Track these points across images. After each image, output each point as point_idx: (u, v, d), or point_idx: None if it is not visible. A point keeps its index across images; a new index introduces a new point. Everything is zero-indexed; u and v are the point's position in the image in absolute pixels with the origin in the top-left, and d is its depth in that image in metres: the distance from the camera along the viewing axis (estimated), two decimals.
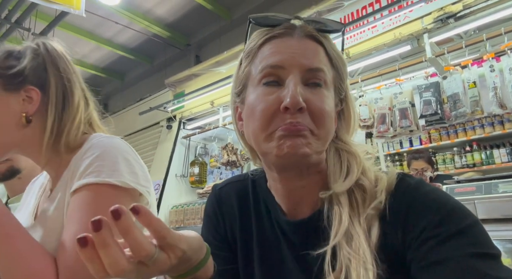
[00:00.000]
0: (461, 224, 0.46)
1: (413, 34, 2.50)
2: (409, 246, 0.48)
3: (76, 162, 0.70)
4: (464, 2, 2.29)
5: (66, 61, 0.78)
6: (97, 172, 0.66)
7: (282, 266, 0.59)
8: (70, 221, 0.65)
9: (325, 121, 0.53)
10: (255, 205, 0.65)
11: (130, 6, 4.70)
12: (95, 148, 0.70)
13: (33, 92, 0.73)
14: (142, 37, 5.43)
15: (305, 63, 0.53)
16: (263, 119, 0.52)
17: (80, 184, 0.66)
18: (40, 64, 0.75)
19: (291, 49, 0.54)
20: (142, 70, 6.41)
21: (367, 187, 0.53)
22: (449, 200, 0.50)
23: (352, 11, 2.74)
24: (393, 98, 2.51)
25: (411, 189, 0.53)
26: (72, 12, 1.85)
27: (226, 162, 3.29)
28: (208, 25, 5.23)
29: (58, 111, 0.74)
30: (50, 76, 0.75)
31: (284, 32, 0.56)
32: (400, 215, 0.51)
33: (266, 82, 0.54)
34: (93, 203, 0.65)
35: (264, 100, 0.53)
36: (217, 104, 3.56)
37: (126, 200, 0.67)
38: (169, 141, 3.98)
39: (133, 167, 0.70)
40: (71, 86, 0.77)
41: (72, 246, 0.61)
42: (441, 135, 3.82)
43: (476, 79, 2.22)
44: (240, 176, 0.72)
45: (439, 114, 2.33)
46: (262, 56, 0.55)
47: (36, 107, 0.73)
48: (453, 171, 3.72)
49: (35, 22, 3.96)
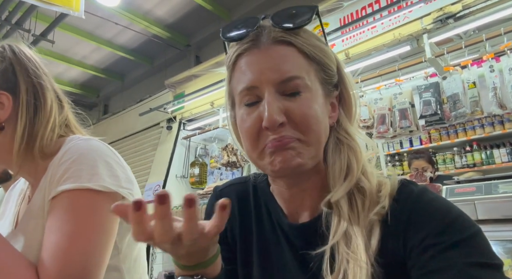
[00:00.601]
0: (463, 234, 0.46)
1: (413, 35, 2.50)
2: (410, 253, 0.48)
3: (53, 168, 0.68)
4: (464, 3, 2.30)
5: (35, 63, 0.75)
6: (75, 177, 0.64)
7: (282, 267, 0.59)
8: (50, 230, 0.63)
9: (311, 125, 0.52)
10: (256, 207, 0.66)
11: (130, 7, 4.70)
12: (72, 152, 0.68)
13: (3, 97, 0.70)
14: (142, 38, 5.43)
15: (275, 77, 0.52)
16: (250, 139, 0.54)
17: (58, 191, 0.64)
18: (7, 67, 0.72)
19: (259, 64, 0.53)
20: (142, 71, 6.41)
21: (368, 190, 0.53)
22: (452, 209, 0.50)
23: (351, 12, 2.74)
24: (392, 99, 2.52)
25: (414, 196, 0.52)
26: (72, 14, 1.85)
27: (226, 162, 3.29)
28: (208, 26, 5.24)
29: (30, 115, 0.71)
30: (19, 80, 0.72)
31: (250, 46, 0.54)
32: (401, 221, 0.50)
33: (246, 103, 0.54)
34: (72, 210, 0.63)
35: (248, 120, 0.54)
36: (217, 105, 3.57)
37: (107, 205, 0.65)
38: (169, 142, 3.98)
39: (114, 170, 0.68)
40: (42, 89, 0.74)
41: (54, 256, 0.60)
42: (441, 135, 3.82)
43: (476, 80, 2.22)
44: (242, 179, 0.72)
45: (438, 115, 2.33)
46: (237, 76, 0.55)
47: (8, 113, 0.70)
48: (453, 171, 3.72)
49: (35, 24, 3.97)
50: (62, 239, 0.61)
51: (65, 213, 0.63)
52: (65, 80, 6.62)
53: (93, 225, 0.64)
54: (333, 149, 0.57)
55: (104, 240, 0.65)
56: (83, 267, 0.61)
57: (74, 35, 5.12)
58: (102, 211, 0.65)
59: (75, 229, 0.62)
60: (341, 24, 2.71)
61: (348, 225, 0.51)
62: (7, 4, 3.54)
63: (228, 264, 0.63)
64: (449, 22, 2.39)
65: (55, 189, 0.64)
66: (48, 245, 0.61)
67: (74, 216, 0.63)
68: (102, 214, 0.65)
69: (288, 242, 0.60)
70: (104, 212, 0.65)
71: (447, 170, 3.78)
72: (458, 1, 2.31)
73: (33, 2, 1.68)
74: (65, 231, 0.62)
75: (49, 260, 0.60)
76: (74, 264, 0.60)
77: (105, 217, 0.65)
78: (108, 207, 0.64)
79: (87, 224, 0.63)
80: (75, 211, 0.63)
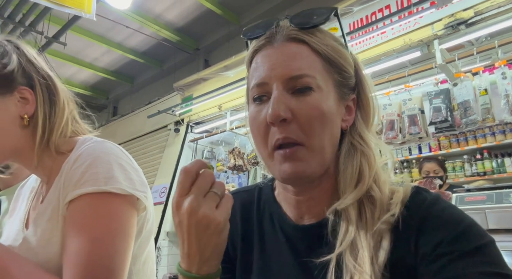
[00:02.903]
0: (476, 243, 0.45)
1: (423, 40, 2.48)
2: (421, 261, 0.47)
3: (67, 170, 0.68)
4: (476, 9, 2.27)
5: (37, 57, 0.76)
6: (92, 180, 0.64)
7: (282, 273, 0.58)
8: (72, 235, 0.63)
9: (315, 127, 0.51)
10: (258, 213, 0.65)
11: (141, 10, 4.76)
12: (86, 155, 0.68)
13: (26, 92, 0.71)
14: (152, 41, 5.49)
15: (284, 73, 0.51)
16: (259, 137, 0.54)
17: (76, 194, 0.64)
18: (21, 62, 0.72)
19: (271, 61, 0.53)
20: (152, 74, 6.48)
21: (378, 199, 0.51)
22: (465, 218, 0.49)
23: (361, 17, 2.73)
24: (402, 105, 2.49)
25: (428, 204, 0.51)
26: (83, 16, 1.88)
27: (233, 166, 3.29)
28: (217, 30, 5.27)
29: (47, 108, 0.72)
30: (32, 74, 0.72)
31: (264, 43, 0.55)
32: (413, 228, 0.49)
33: (254, 99, 0.54)
34: (93, 214, 0.63)
35: (256, 117, 0.54)
36: (224, 108, 3.57)
37: (125, 207, 0.66)
38: (177, 144, 3.99)
39: (129, 173, 0.69)
40: (53, 82, 0.75)
41: (78, 261, 0.60)
42: (451, 142, 3.76)
43: (488, 86, 2.19)
44: (249, 187, 0.72)
45: (449, 121, 2.29)
46: (251, 73, 0.56)
47: (33, 107, 0.71)
48: (463, 179, 3.66)
49: (48, 26, 4.04)
50: (86, 244, 0.61)
51: (86, 217, 0.63)
52: (76, 82, 6.71)
53: (114, 228, 0.64)
54: (346, 154, 0.56)
55: (126, 242, 0.65)
56: (109, 270, 0.61)
57: (85, 38, 5.20)
58: (121, 214, 0.65)
59: (98, 233, 0.62)
60: (351, 29, 2.69)
61: (356, 235, 0.50)
62: (21, 6, 3.61)
63: (226, 273, 0.62)
64: (460, 28, 2.36)
65: (72, 192, 0.64)
66: (72, 251, 0.61)
67: (95, 220, 0.63)
68: (122, 217, 0.65)
69: (290, 246, 0.58)
70: (123, 215, 0.66)
71: (457, 178, 3.71)
72: (470, 7, 2.28)
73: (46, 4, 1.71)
74: (87, 235, 0.62)
75: (74, 266, 0.60)
76: (100, 268, 0.60)
77: (125, 220, 0.66)
78: (126, 209, 0.66)
79: (108, 227, 0.64)
80: (96, 215, 0.63)
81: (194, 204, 0.46)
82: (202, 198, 0.47)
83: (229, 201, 0.49)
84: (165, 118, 4.25)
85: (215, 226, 0.47)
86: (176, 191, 0.48)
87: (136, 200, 0.68)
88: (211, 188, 0.48)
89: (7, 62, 0.70)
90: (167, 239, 3.57)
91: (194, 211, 0.46)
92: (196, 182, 0.48)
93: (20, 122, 0.70)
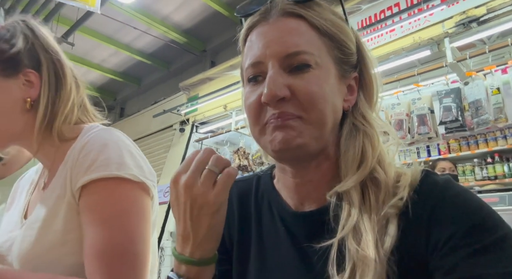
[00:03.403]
0: (494, 235, 0.41)
1: (433, 39, 2.43)
2: (433, 252, 0.43)
3: (74, 156, 0.66)
4: (488, 6, 2.22)
5: (52, 40, 0.74)
6: (104, 166, 0.63)
7: (280, 261, 0.55)
8: (89, 223, 0.62)
9: (316, 104, 0.48)
10: (256, 201, 0.62)
11: (149, 12, 4.79)
12: (95, 141, 0.66)
13: (31, 75, 0.70)
14: (160, 43, 5.51)
15: (280, 50, 0.48)
16: (252, 116, 0.51)
17: (88, 179, 0.63)
18: (29, 44, 0.70)
19: (266, 38, 0.50)
20: (159, 75, 6.50)
21: (382, 181, 0.48)
22: (482, 205, 0.45)
23: (370, 15, 2.69)
24: (411, 104, 2.44)
25: (440, 188, 0.47)
26: (87, 9, 1.88)
27: (238, 166, 3.25)
28: (224, 32, 5.28)
29: (52, 93, 0.70)
30: (41, 56, 0.71)
31: (259, 19, 0.52)
32: (424, 215, 0.45)
33: (249, 79, 0.51)
34: (107, 199, 0.63)
35: (250, 97, 0.51)
36: (230, 108, 3.55)
37: (138, 193, 0.65)
38: (182, 144, 3.98)
39: (138, 160, 0.68)
40: (62, 66, 0.73)
41: (102, 251, 0.59)
42: (460, 145, 3.68)
43: (500, 86, 2.13)
44: (247, 176, 0.70)
45: (459, 121, 2.23)
46: (246, 53, 0.53)
47: (38, 91, 0.70)
48: (473, 183, 3.56)
49: (56, 26, 4.09)
50: (106, 232, 0.61)
51: (101, 203, 0.63)
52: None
53: (132, 211, 0.64)
54: (347, 135, 0.52)
55: (145, 226, 0.65)
56: (134, 255, 0.61)
57: (93, 39, 5.24)
58: (136, 198, 0.65)
59: (115, 217, 0.62)
60: (359, 27, 2.66)
61: (359, 219, 0.46)
62: (30, 7, 3.65)
63: (222, 264, 0.60)
64: (472, 26, 2.30)
65: (83, 178, 0.63)
66: (92, 240, 0.60)
67: (110, 205, 0.62)
68: (137, 201, 0.65)
69: (289, 234, 0.55)
70: (138, 199, 0.65)
71: (467, 182, 3.62)
72: (483, 4, 2.23)
73: None
74: (105, 221, 0.61)
75: (98, 256, 0.59)
76: (125, 254, 0.60)
77: (140, 204, 0.65)
78: (139, 194, 0.66)
79: (125, 211, 0.63)
80: (111, 200, 0.63)
81: (190, 181, 0.46)
82: (198, 175, 0.46)
83: (228, 179, 0.47)
84: (171, 118, 4.24)
85: (209, 207, 0.46)
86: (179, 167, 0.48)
87: (147, 189, 0.68)
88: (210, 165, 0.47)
89: (14, 43, 0.69)
90: (170, 239, 3.54)
91: (188, 188, 0.46)
92: (196, 158, 0.47)
93: (23, 105, 0.69)
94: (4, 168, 1.06)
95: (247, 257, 0.59)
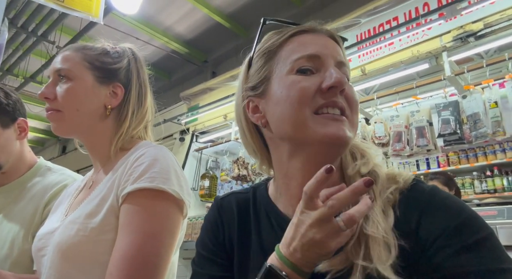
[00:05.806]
0: (478, 234, 0.45)
1: (432, 52, 2.46)
2: (421, 251, 0.47)
3: (127, 166, 0.73)
4: (485, 21, 2.25)
5: (145, 69, 0.90)
6: (151, 178, 0.69)
7: None
8: (125, 228, 0.67)
9: (357, 109, 0.57)
10: (255, 212, 0.65)
11: (151, 22, 4.85)
12: (147, 156, 0.73)
13: (119, 88, 0.83)
14: (161, 53, 5.57)
15: (336, 55, 0.57)
16: (304, 98, 0.53)
17: (134, 188, 0.68)
18: (128, 66, 0.86)
19: (322, 41, 0.58)
20: (160, 85, 6.55)
21: (381, 176, 0.54)
22: (465, 208, 0.49)
23: (368, 28, 2.73)
24: (409, 116, 2.45)
25: (426, 194, 0.52)
26: (91, 19, 1.91)
27: (237, 176, 3.25)
28: (226, 43, 5.34)
29: (133, 110, 0.83)
30: (133, 78, 0.85)
31: (310, 29, 0.60)
32: (412, 218, 0.50)
33: (301, 69, 0.55)
34: (147, 210, 0.67)
35: (303, 81, 0.54)
36: (230, 118, 3.57)
37: (175, 210, 0.70)
38: (181, 153, 3.98)
39: (180, 180, 0.73)
40: (145, 92, 0.87)
41: (128, 255, 0.63)
42: (460, 158, 3.68)
43: (498, 99, 2.14)
44: (244, 189, 0.73)
45: (458, 134, 2.24)
46: (292, 49, 0.57)
47: (118, 102, 0.83)
48: (473, 196, 3.56)
49: (60, 36, 4.13)
50: (138, 239, 0.65)
51: (141, 211, 0.67)
52: None
53: (166, 227, 0.68)
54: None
55: (172, 244, 0.70)
56: (155, 268, 0.65)
57: None
58: (173, 215, 0.70)
59: (150, 229, 0.66)
60: (358, 40, 2.69)
61: None
62: (34, 16, 3.70)
63: (225, 271, 0.62)
64: (469, 41, 2.34)
65: (131, 185, 0.69)
66: (123, 244, 0.65)
67: (150, 216, 0.67)
68: (173, 218, 0.70)
69: None
70: (174, 216, 0.70)
71: (466, 195, 3.61)
72: (480, 19, 2.26)
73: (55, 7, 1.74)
74: (140, 230, 0.66)
75: (122, 260, 0.63)
76: (147, 264, 0.64)
77: (175, 221, 0.70)
78: (176, 212, 0.71)
79: (161, 225, 0.68)
80: (151, 211, 0.67)
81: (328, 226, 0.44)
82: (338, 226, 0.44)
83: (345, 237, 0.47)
84: (171, 127, 4.25)
85: (327, 254, 0.46)
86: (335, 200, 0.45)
87: (183, 207, 0.73)
88: None
89: (118, 61, 0.84)
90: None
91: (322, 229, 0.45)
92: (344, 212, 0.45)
93: (104, 111, 0.81)
94: (3, 176, 1.08)
95: (247, 264, 0.61)
